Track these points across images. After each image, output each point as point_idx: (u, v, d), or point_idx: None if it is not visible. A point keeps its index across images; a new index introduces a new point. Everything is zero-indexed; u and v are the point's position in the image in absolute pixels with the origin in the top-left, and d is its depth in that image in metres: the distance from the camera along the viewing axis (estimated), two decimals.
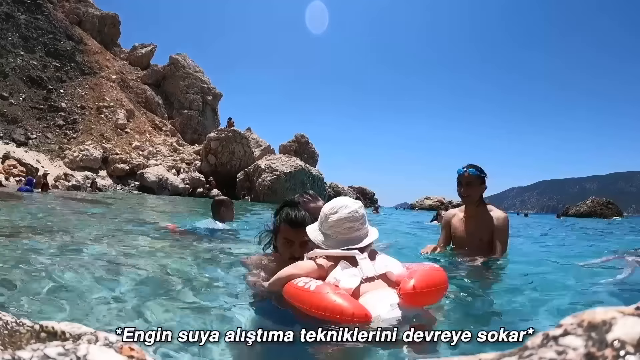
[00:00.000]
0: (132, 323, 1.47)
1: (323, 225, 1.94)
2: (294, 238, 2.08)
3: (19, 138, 26.53)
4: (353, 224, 1.89)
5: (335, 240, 1.88)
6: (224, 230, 4.61)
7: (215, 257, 3.09)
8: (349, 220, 1.88)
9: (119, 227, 4.73)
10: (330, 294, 1.53)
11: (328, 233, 1.91)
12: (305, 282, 1.65)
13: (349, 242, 1.87)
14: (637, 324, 0.40)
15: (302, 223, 2.08)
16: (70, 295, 1.73)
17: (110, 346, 0.55)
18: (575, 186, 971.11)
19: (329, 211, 1.93)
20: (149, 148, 30.29)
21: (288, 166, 24.84)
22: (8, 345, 0.54)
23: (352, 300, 1.53)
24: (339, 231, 1.89)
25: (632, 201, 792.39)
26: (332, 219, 1.90)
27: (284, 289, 1.72)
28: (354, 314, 1.45)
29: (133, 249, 3.18)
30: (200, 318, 1.61)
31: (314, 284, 1.61)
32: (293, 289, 1.65)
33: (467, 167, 3.26)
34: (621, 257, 3.61)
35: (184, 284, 2.14)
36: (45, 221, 5.03)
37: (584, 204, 36.37)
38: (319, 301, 1.50)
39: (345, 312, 1.45)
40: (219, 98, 40.97)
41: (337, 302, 1.49)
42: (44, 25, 33.10)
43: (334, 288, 1.60)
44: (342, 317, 1.44)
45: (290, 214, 2.11)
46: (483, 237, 3.21)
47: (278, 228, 2.17)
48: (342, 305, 1.48)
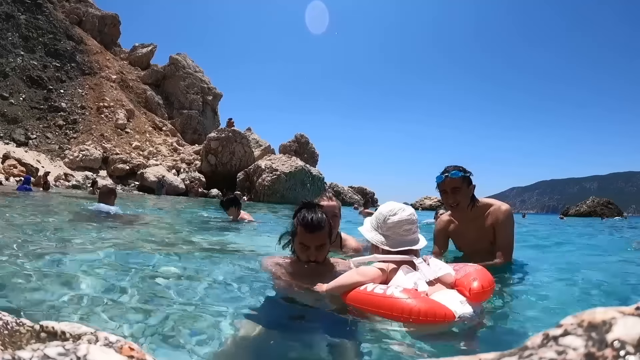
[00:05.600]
0: (133, 323, 1.47)
1: (381, 227, 1.99)
2: (310, 243, 2.05)
3: (19, 138, 26.53)
4: (411, 227, 1.97)
5: (395, 241, 1.94)
6: (115, 213, 5.94)
7: (217, 251, 3.09)
8: (408, 222, 1.96)
9: (117, 226, 4.74)
10: (419, 299, 1.59)
11: (387, 234, 1.97)
12: (382, 289, 1.68)
13: (407, 244, 1.94)
14: (637, 324, 0.40)
15: (318, 226, 2.04)
16: (70, 295, 1.73)
17: (110, 346, 0.55)
18: (575, 186, 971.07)
19: (388, 213, 1.99)
20: (149, 148, 30.29)
21: (288, 166, 24.84)
22: (8, 345, 0.54)
23: (438, 303, 1.60)
24: (398, 232, 1.95)
25: (632, 201, 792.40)
26: (392, 220, 1.96)
27: (349, 296, 1.76)
28: (446, 315, 1.54)
29: (132, 247, 3.18)
30: (201, 318, 1.61)
31: (392, 290, 1.65)
32: (368, 296, 1.69)
33: (446, 171, 2.78)
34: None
35: (185, 283, 2.14)
36: (43, 220, 5.02)
37: (584, 204, 36.37)
38: (407, 306, 1.55)
39: (438, 314, 1.53)
40: (219, 98, 40.98)
41: (429, 305, 1.56)
42: (44, 25, 33.10)
43: (417, 293, 1.66)
44: (435, 319, 1.52)
45: (307, 217, 2.06)
46: (492, 239, 2.78)
47: (295, 231, 2.12)
48: (435, 308, 1.55)
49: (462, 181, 2.74)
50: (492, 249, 2.75)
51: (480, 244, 2.82)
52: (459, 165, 2.80)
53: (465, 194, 2.76)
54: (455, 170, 2.74)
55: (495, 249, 2.74)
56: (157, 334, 1.39)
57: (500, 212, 2.77)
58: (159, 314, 1.56)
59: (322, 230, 2.06)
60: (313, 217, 2.06)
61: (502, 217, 2.75)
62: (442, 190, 2.80)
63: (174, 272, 2.34)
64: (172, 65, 38.34)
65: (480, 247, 2.81)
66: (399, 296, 1.61)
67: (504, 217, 2.75)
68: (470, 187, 2.79)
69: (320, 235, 2.06)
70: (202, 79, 39.20)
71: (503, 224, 2.75)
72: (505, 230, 2.75)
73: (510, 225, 2.78)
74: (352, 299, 1.75)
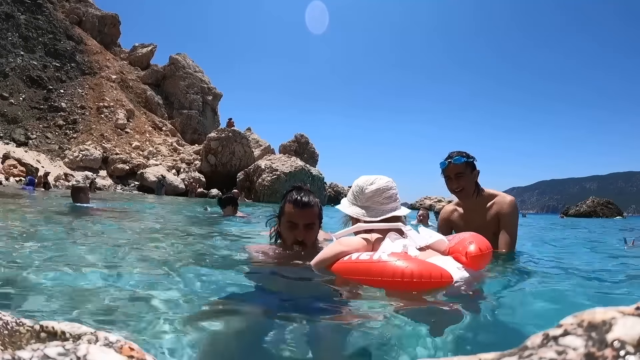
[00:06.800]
0: (133, 322, 1.47)
1: (359, 199, 1.90)
2: (298, 219, 1.98)
3: (19, 138, 26.54)
4: (391, 193, 1.87)
5: (376, 210, 1.84)
6: (90, 207, 6.34)
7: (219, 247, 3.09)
8: (387, 189, 1.86)
9: (116, 225, 4.74)
10: (411, 260, 1.47)
11: (367, 205, 1.87)
12: (368, 255, 1.56)
13: (389, 211, 1.83)
14: (637, 324, 0.40)
15: (307, 203, 1.99)
16: (70, 295, 1.73)
17: (110, 346, 0.55)
18: (575, 186, 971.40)
19: (364, 183, 1.89)
20: (149, 148, 30.30)
21: (288, 166, 24.86)
22: (8, 345, 0.54)
23: (432, 264, 1.48)
24: (379, 201, 1.85)
25: (632, 201, 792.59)
26: (369, 190, 1.86)
27: (334, 267, 1.64)
28: (442, 275, 1.42)
29: (131, 246, 3.18)
30: (203, 318, 1.61)
31: (379, 254, 1.53)
32: (354, 264, 1.56)
33: (450, 157, 2.78)
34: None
35: (186, 281, 2.13)
36: (44, 219, 5.03)
37: (584, 204, 36.34)
38: (398, 268, 1.42)
39: (433, 275, 1.41)
40: (219, 98, 40.99)
41: (423, 267, 1.44)
42: (44, 25, 33.11)
43: (407, 255, 1.54)
44: (431, 280, 1.40)
45: (296, 195, 2.02)
46: (496, 230, 2.75)
47: (282, 210, 2.07)
48: (430, 269, 1.43)
49: (466, 166, 2.74)
50: (494, 240, 2.72)
51: (483, 234, 2.79)
52: (462, 151, 2.80)
53: (469, 179, 2.76)
54: (459, 156, 2.75)
55: (499, 239, 2.73)
56: (155, 333, 1.39)
57: (505, 202, 2.77)
58: (160, 314, 1.56)
59: (312, 208, 2.00)
60: (303, 195, 2.01)
61: (507, 207, 2.75)
62: (446, 176, 2.81)
63: (176, 268, 2.34)
64: (172, 65, 38.35)
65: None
66: (388, 259, 1.49)
67: (509, 208, 2.75)
68: (474, 173, 2.79)
69: (310, 212, 1.99)
70: (202, 79, 39.21)
71: (508, 214, 2.74)
72: (510, 220, 2.75)
73: (515, 216, 2.78)
74: (338, 269, 1.63)
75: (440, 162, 2.82)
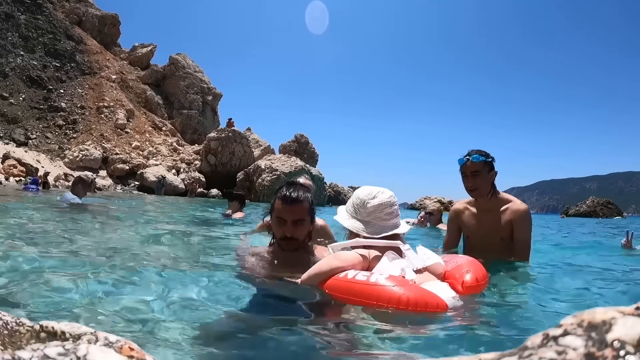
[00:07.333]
0: (133, 322, 1.47)
1: (359, 212, 1.82)
2: (287, 216, 1.96)
3: (19, 138, 26.54)
4: (393, 209, 1.80)
5: (377, 227, 1.77)
6: (77, 202, 6.35)
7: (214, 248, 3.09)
8: (389, 205, 1.79)
9: (116, 225, 4.74)
10: (408, 287, 1.43)
11: (368, 220, 1.79)
12: (365, 275, 1.51)
13: (389, 229, 1.77)
14: (637, 324, 0.40)
15: (296, 199, 1.97)
16: (70, 295, 1.73)
17: (110, 346, 0.55)
18: (575, 186, 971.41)
19: (367, 196, 1.81)
20: (149, 148, 30.29)
21: (288, 166, 24.86)
22: (8, 345, 0.54)
23: (429, 291, 1.46)
24: (380, 217, 1.77)
25: (632, 201, 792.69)
26: (371, 204, 1.78)
27: (328, 284, 1.57)
28: (438, 305, 1.40)
29: (131, 246, 3.18)
30: (204, 317, 1.61)
31: (376, 277, 1.48)
32: (349, 283, 1.51)
33: (469, 155, 2.78)
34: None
35: (186, 281, 2.13)
36: (44, 219, 5.03)
37: (584, 204, 36.30)
38: (395, 294, 1.39)
39: (429, 303, 1.39)
40: (219, 98, 40.98)
41: (420, 294, 1.41)
42: (44, 25, 33.11)
43: (404, 280, 1.50)
44: (427, 310, 1.38)
45: (285, 191, 2.01)
46: (504, 235, 2.74)
47: (272, 205, 2.07)
48: (426, 297, 1.41)
49: (483, 165, 2.74)
50: (501, 246, 2.75)
51: (492, 238, 2.78)
52: (482, 150, 2.80)
53: (485, 179, 2.75)
54: (477, 155, 2.75)
55: (513, 246, 2.74)
56: (155, 334, 1.39)
57: (520, 209, 2.76)
58: (160, 313, 1.56)
59: (301, 203, 1.97)
60: (292, 191, 2.00)
61: (522, 214, 2.75)
62: (462, 173, 2.80)
63: (176, 267, 2.34)
64: (172, 65, 38.34)
65: (490, 241, 2.77)
66: (385, 283, 1.44)
67: (525, 215, 2.75)
68: (491, 173, 2.78)
69: (299, 208, 1.97)
70: (202, 79, 39.20)
71: (524, 220, 2.74)
72: (525, 227, 2.75)
73: (530, 223, 2.78)
74: (332, 287, 1.56)
75: (459, 159, 2.83)
